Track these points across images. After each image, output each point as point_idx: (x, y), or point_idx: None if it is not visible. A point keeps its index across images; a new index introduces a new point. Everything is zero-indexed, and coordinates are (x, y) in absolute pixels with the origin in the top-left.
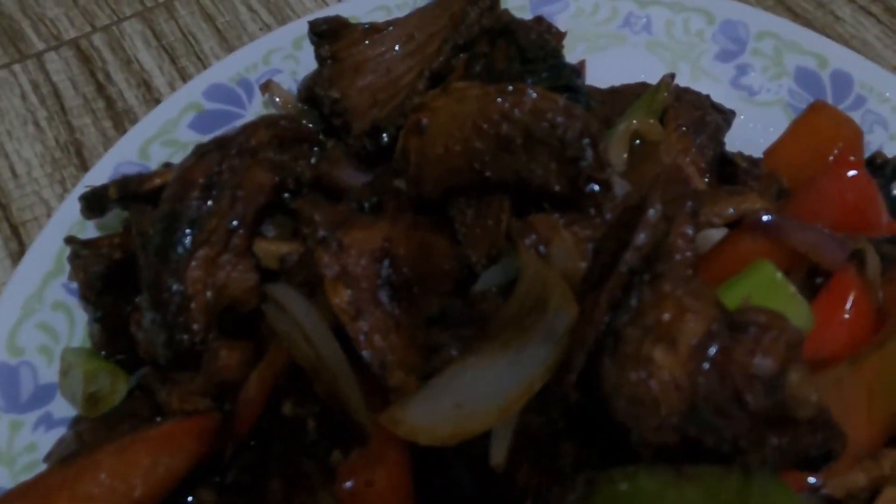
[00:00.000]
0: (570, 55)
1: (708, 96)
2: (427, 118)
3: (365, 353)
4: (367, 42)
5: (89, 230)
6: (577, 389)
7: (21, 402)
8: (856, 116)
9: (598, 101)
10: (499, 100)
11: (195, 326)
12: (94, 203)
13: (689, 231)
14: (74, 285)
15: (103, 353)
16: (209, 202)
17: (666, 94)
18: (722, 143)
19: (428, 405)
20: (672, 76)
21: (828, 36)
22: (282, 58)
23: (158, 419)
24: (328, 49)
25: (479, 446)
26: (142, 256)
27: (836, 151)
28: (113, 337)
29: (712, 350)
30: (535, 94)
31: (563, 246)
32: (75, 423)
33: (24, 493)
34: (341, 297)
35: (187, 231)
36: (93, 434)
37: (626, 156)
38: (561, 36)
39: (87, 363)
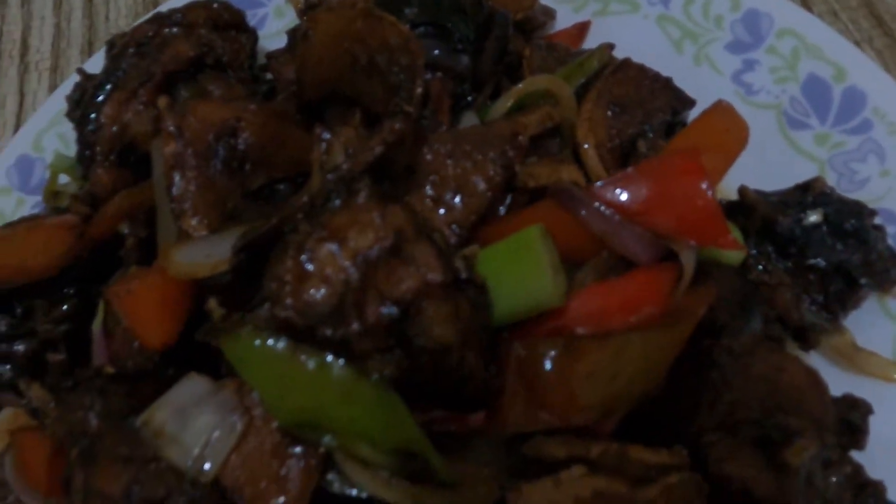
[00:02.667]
0: (581, 13)
1: (669, 79)
2: (311, 28)
3: (170, 196)
4: None
5: None
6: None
7: (30, 186)
8: (853, 141)
9: (557, 59)
10: (359, 23)
11: (97, 148)
12: None
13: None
14: None
15: None
16: (137, 58)
17: (597, 62)
18: (652, 129)
19: (193, 249)
20: (610, 46)
21: None
22: None
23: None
24: None
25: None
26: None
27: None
28: None
29: (362, 266)
30: (388, 24)
31: (330, 157)
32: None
33: None
34: (168, 148)
35: (114, 77)
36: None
37: (509, 105)
38: None
39: (59, 164)
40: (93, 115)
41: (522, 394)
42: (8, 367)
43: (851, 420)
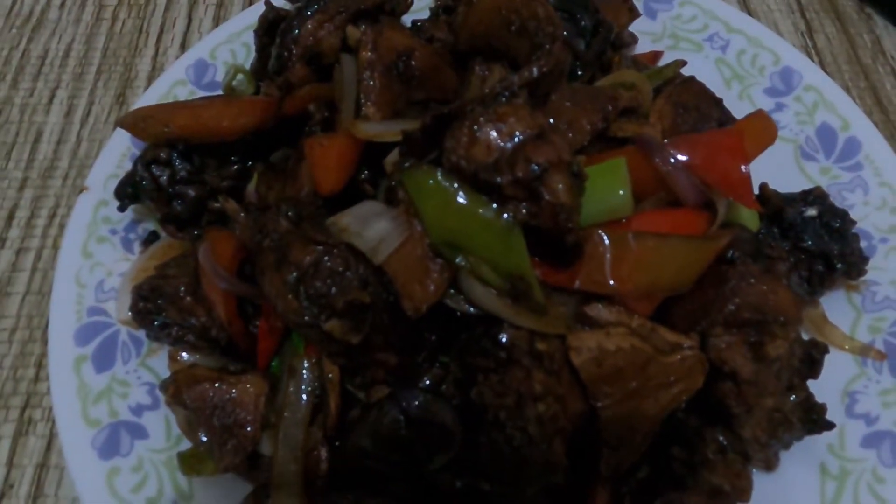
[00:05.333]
0: (657, 45)
1: (720, 100)
2: None
3: (360, 88)
4: None
5: None
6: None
7: (202, 83)
8: (847, 175)
9: (637, 68)
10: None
11: (295, 51)
12: None
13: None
14: None
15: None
16: None
17: (672, 71)
18: (703, 130)
19: (372, 126)
20: (683, 62)
21: None
22: None
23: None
24: None
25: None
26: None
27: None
28: (262, 65)
29: (517, 141)
30: (540, 2)
31: (490, 78)
32: None
33: (167, 106)
34: (364, 54)
35: (317, 4)
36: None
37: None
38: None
39: (237, 68)
40: (296, 30)
41: (597, 265)
42: (179, 203)
43: (812, 354)
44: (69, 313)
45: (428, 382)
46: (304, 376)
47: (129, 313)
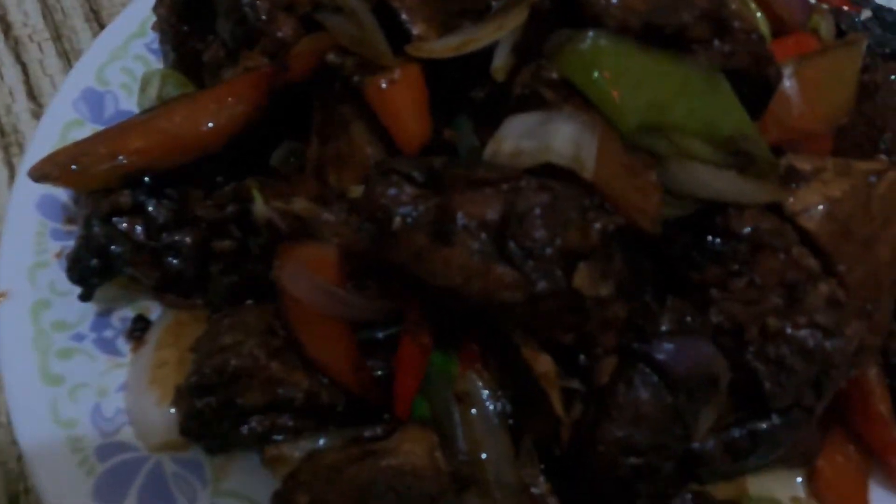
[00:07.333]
0: None
1: None
2: None
3: (402, 8)
4: None
5: None
6: None
7: (105, 118)
8: None
9: None
10: None
11: (263, 6)
12: None
13: None
14: (155, 45)
15: None
16: None
17: None
18: None
19: (450, 39)
20: None
21: None
22: None
23: None
24: None
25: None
26: None
27: None
28: (187, 59)
29: None
30: None
31: None
32: None
33: (107, 133)
34: None
35: None
36: None
37: None
38: None
39: (164, 73)
40: None
41: (780, 103)
42: (176, 260)
43: None
44: (70, 470)
45: (665, 328)
46: (484, 396)
47: (171, 431)
